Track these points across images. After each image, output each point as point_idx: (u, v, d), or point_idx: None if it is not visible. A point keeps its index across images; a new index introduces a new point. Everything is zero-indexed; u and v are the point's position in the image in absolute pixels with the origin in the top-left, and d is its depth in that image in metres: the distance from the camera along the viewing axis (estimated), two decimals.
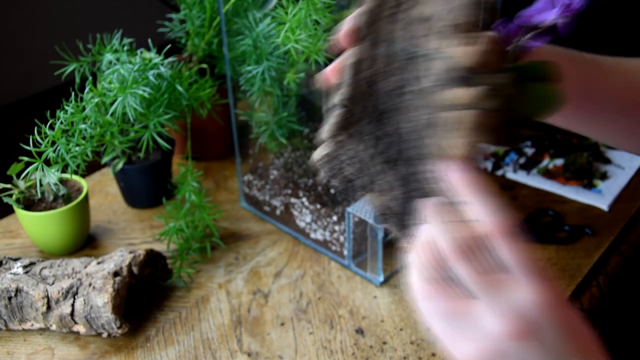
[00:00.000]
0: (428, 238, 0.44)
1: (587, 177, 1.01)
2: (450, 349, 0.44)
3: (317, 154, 0.51)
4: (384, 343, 0.74)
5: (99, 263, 0.77)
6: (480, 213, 0.42)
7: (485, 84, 0.44)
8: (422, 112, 0.47)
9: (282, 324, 0.77)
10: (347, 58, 0.48)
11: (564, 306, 0.42)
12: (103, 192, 1.01)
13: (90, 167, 0.91)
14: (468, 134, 0.44)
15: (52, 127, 0.76)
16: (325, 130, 0.50)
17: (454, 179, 0.43)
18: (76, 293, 0.74)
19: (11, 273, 0.76)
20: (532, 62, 0.51)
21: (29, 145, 0.74)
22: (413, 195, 0.50)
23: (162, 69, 0.83)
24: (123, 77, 0.81)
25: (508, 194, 0.98)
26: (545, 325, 0.41)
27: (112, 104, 0.80)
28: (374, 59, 0.48)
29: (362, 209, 0.80)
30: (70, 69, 0.86)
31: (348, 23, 0.47)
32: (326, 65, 0.90)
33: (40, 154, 0.75)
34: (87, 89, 0.80)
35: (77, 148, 0.77)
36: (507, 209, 0.42)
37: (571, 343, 0.41)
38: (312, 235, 0.89)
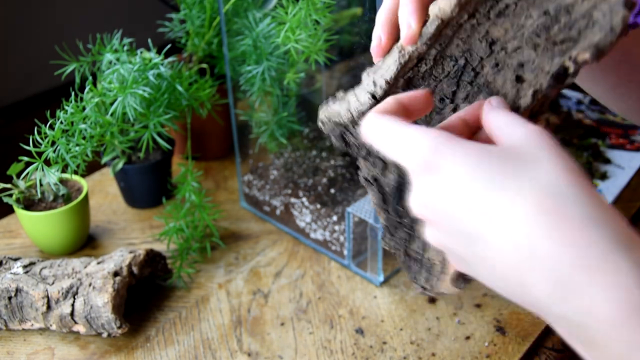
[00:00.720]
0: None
1: None
2: None
3: (325, 115, 0.49)
4: (384, 343, 0.74)
5: (99, 263, 0.77)
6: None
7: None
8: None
9: (282, 324, 0.77)
10: (397, 52, 0.46)
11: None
12: (103, 192, 1.01)
13: (90, 167, 0.91)
14: None
15: (52, 127, 0.76)
16: (347, 110, 0.48)
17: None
18: (76, 293, 0.74)
19: (11, 273, 0.76)
20: None
21: (29, 145, 0.74)
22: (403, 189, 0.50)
23: (162, 69, 0.83)
24: (123, 77, 0.81)
25: None
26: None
27: (112, 104, 0.80)
28: (420, 59, 0.47)
29: (362, 208, 0.80)
30: (70, 69, 0.86)
31: (416, 24, 0.45)
32: (327, 65, 0.90)
33: (40, 154, 0.75)
34: (87, 89, 0.80)
35: (77, 148, 0.77)
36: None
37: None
38: (312, 235, 0.89)
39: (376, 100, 0.47)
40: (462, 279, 0.48)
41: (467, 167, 0.36)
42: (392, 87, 0.47)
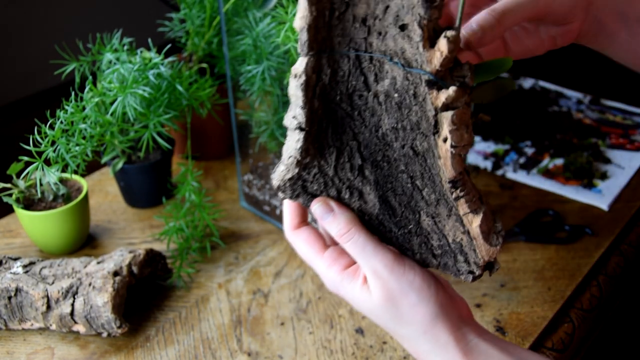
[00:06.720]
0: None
1: (587, 176, 1.01)
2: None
3: (278, 180, 0.51)
4: (384, 343, 0.74)
5: (98, 263, 0.77)
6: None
7: (453, 81, 0.44)
8: (383, 116, 0.47)
9: (282, 324, 0.77)
10: (293, 79, 0.47)
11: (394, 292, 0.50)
12: (103, 191, 1.01)
13: (90, 167, 0.91)
14: (451, 132, 0.44)
15: (52, 127, 0.76)
16: (289, 157, 0.49)
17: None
18: (76, 293, 0.74)
19: (11, 273, 0.76)
20: (492, 60, 0.52)
21: (29, 144, 0.74)
22: (389, 196, 0.50)
23: (162, 69, 0.83)
24: (123, 77, 0.81)
25: (508, 193, 0.98)
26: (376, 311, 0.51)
27: (112, 103, 0.80)
28: (319, 71, 0.47)
29: None
30: (70, 68, 0.86)
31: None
32: None
33: (40, 153, 0.75)
34: (87, 89, 0.80)
35: (77, 148, 0.77)
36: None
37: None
38: None
39: (306, 130, 0.48)
40: (494, 234, 0.48)
41: (355, 305, 0.53)
42: (311, 111, 0.48)
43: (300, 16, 0.45)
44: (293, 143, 0.49)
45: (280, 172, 0.51)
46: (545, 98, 1.22)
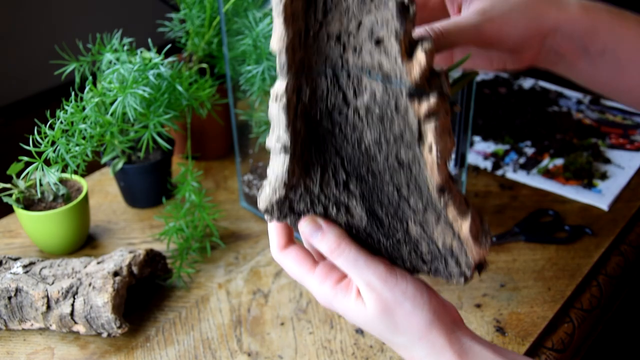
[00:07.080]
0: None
1: (587, 177, 1.01)
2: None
3: (265, 202, 0.51)
4: (384, 343, 0.74)
5: (98, 263, 0.77)
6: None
7: (432, 90, 0.44)
8: (365, 130, 0.47)
9: (282, 324, 0.77)
10: (274, 102, 0.47)
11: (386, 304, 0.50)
12: (103, 191, 1.01)
13: (90, 167, 0.91)
14: (436, 140, 0.44)
15: (52, 127, 0.76)
16: (275, 180, 0.49)
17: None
18: (76, 293, 0.74)
19: (11, 273, 0.76)
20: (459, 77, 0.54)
21: (28, 145, 0.74)
22: (375, 208, 0.50)
23: (162, 69, 0.83)
24: (123, 77, 0.81)
25: (508, 193, 0.98)
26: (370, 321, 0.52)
27: (112, 103, 0.80)
28: (299, 91, 0.47)
29: None
30: (70, 68, 0.86)
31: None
32: None
33: (40, 153, 0.75)
34: (87, 89, 0.80)
35: (77, 148, 0.77)
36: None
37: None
38: None
39: (290, 152, 0.48)
40: (482, 234, 0.48)
41: (349, 318, 0.53)
42: (294, 132, 0.47)
43: (277, 38, 0.45)
44: (279, 166, 0.48)
45: (267, 195, 0.51)
46: (545, 98, 1.22)
